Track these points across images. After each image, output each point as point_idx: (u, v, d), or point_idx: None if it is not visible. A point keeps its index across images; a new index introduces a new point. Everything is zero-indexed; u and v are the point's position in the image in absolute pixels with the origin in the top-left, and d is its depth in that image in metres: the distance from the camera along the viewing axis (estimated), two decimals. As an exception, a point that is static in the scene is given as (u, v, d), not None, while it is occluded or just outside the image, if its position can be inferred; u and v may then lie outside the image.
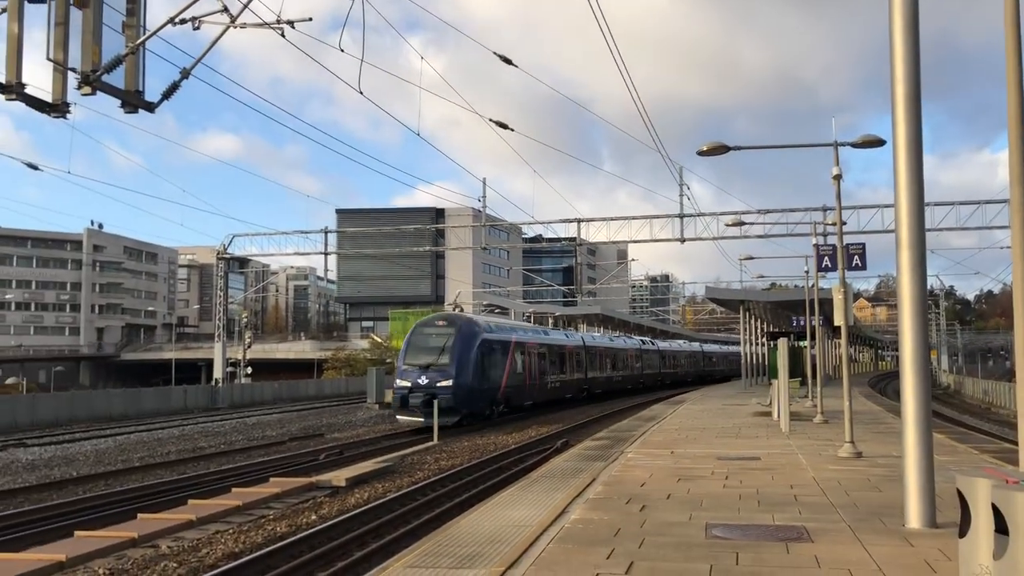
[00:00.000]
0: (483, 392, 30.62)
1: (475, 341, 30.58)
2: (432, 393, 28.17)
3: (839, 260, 16.90)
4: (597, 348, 48.65)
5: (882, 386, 60.68)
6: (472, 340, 30.52)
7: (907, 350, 8.27)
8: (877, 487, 11.11)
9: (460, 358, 29.57)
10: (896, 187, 8.36)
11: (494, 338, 32.70)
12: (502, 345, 33.18)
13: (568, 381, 42.35)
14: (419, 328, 32.20)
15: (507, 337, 34.21)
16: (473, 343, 30.43)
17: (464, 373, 29.43)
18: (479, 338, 31.01)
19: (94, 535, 11.99)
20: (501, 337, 33.54)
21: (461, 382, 29.12)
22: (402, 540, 11.58)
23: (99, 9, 11.04)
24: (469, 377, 29.57)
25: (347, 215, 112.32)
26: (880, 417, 24.31)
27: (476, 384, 29.94)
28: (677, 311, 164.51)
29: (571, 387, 43.01)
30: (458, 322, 31.54)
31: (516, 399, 34.75)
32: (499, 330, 34.28)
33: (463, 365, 29.50)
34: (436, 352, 29.86)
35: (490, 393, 31.30)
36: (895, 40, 8.30)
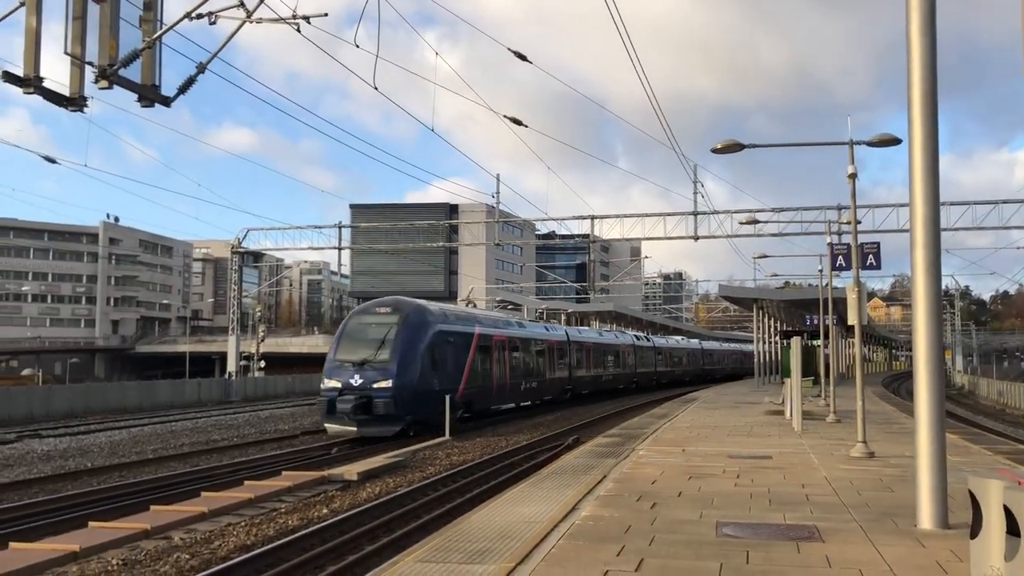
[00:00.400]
0: (435, 394, 25.29)
1: (425, 332, 25.66)
2: (367, 396, 23.58)
3: (853, 259, 16.82)
4: (584, 343, 43.86)
5: (896, 386, 60.41)
6: (421, 331, 25.59)
7: (921, 350, 8.24)
8: (889, 487, 11.07)
9: (404, 352, 24.63)
10: (911, 186, 8.33)
11: (452, 329, 27.77)
12: (462, 338, 28.28)
13: (548, 381, 37.74)
14: (356, 316, 27.08)
15: (469, 329, 29.32)
16: (422, 335, 25.50)
17: (408, 371, 24.46)
18: (431, 329, 26.09)
19: (108, 526, 12.09)
20: (461, 328, 28.72)
21: (404, 382, 24.16)
22: (413, 535, 11.61)
23: (116, 3, 11.10)
24: (415, 376, 24.64)
25: (361, 210, 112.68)
26: (893, 417, 24.21)
27: (425, 385, 25.01)
28: (690, 309, 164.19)
29: (552, 388, 38.49)
30: (404, 309, 26.18)
31: (481, 402, 29.92)
32: (459, 320, 29.33)
33: (408, 361, 24.56)
34: (375, 345, 24.90)
35: (445, 396, 25.65)
36: (912, 40, 8.26)
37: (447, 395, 25.59)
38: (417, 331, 25.45)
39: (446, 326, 27.38)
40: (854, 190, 16.47)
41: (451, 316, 28.79)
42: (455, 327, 28.18)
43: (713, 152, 15.55)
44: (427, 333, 25.74)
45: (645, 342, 58.21)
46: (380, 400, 23.55)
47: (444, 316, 27.91)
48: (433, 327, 26.26)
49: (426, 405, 25.00)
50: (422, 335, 25.47)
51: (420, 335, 25.40)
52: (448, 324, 27.70)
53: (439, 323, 26.92)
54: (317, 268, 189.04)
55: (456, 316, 29.39)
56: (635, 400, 44.03)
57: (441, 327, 26.87)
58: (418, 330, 25.52)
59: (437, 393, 25.41)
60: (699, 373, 71.00)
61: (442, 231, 71.49)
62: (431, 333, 25.93)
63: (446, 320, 27.83)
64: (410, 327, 25.37)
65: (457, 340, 27.71)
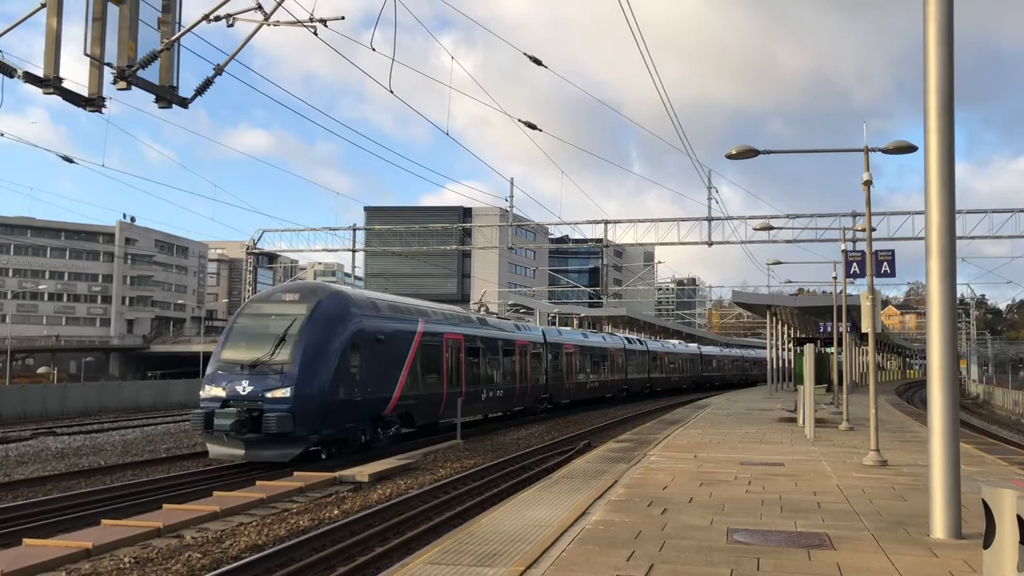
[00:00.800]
0: (355, 406, 20.20)
1: (343, 327, 20.19)
2: (256, 408, 18.34)
3: (868, 266, 16.76)
4: (564, 346, 38.47)
5: (909, 394, 60.08)
6: (338, 325, 20.11)
7: (935, 358, 8.21)
8: (902, 496, 11.01)
9: (311, 352, 19.18)
10: (927, 194, 8.31)
11: (383, 325, 21.93)
12: (398, 336, 22.72)
13: (519, 389, 32.28)
14: (253, 304, 21.23)
15: (408, 325, 23.58)
16: (339, 329, 20.05)
17: (315, 376, 19.06)
18: (352, 322, 20.54)
19: (120, 524, 12.16)
20: (396, 324, 22.85)
21: (308, 390, 18.79)
22: (423, 537, 11.63)
23: (135, 5, 11.19)
24: (324, 382, 19.19)
25: (375, 213, 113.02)
26: (907, 425, 24.07)
27: (339, 393, 19.59)
28: (703, 315, 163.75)
29: (522, 397, 33.02)
30: (316, 295, 20.57)
31: (425, 415, 24.57)
32: (394, 313, 23.35)
33: (315, 363, 19.15)
34: (272, 342, 19.32)
35: (369, 408, 20.92)
36: (929, 48, 8.24)
37: (375, 407, 21.19)
38: (332, 325, 19.96)
39: (375, 320, 21.70)
40: (869, 197, 16.41)
41: (384, 308, 22.89)
42: (388, 322, 22.46)
43: (728, 158, 15.51)
44: (346, 328, 20.17)
45: (638, 345, 53.71)
46: (273, 414, 18.13)
47: (373, 307, 22.13)
48: (355, 320, 20.67)
49: (341, 419, 19.92)
50: (339, 330, 20.01)
51: (336, 330, 19.97)
52: (378, 317, 21.98)
53: (365, 315, 21.30)
54: (331, 270, 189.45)
55: (392, 308, 23.46)
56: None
57: (367, 321, 21.24)
58: (334, 323, 20.03)
59: (359, 404, 20.38)
60: (697, 380, 67.34)
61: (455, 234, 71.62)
62: (352, 328, 20.37)
63: (376, 312, 22.09)
64: (322, 319, 19.86)
65: (391, 338, 22.21)
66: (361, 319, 21.02)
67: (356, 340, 20.46)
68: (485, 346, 29.29)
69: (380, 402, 21.53)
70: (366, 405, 20.80)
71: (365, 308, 21.65)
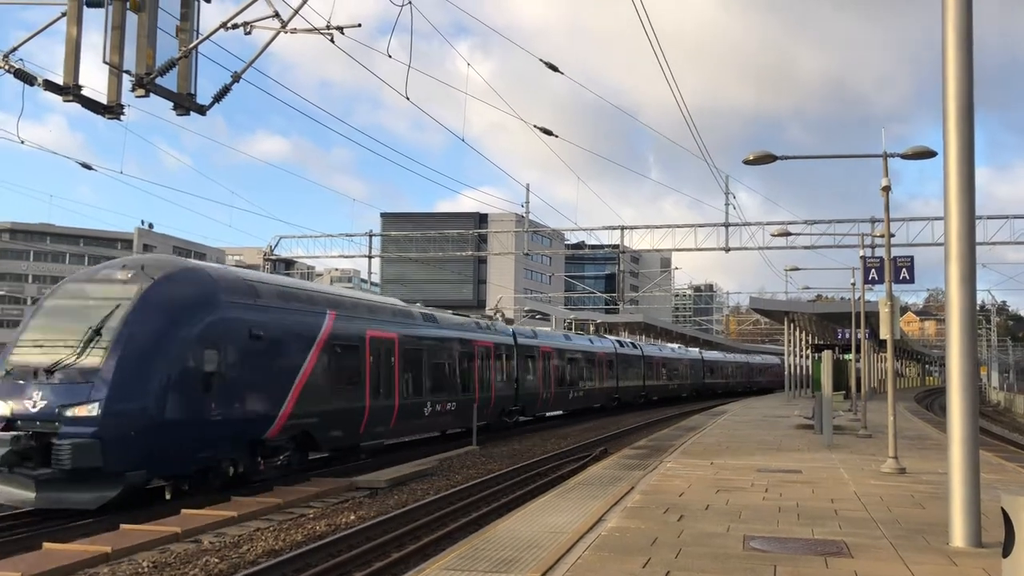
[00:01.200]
0: (210, 428, 14.67)
1: (194, 318, 14.72)
2: (49, 433, 12.95)
3: (886, 272, 16.67)
4: (539, 349, 32.64)
5: (928, 402, 59.60)
6: (184, 315, 14.62)
7: (954, 365, 8.14)
8: (921, 504, 10.92)
9: (134, 351, 13.68)
10: (946, 199, 8.25)
11: (261, 319, 16.02)
12: (287, 333, 16.80)
13: (479, 400, 26.16)
14: (68, 287, 15.41)
15: (304, 319, 17.42)
16: (186, 321, 14.56)
17: (139, 385, 13.64)
18: (209, 312, 15.04)
19: (139, 528, 12.23)
20: (284, 318, 16.78)
21: (128, 406, 13.39)
22: (440, 543, 11.64)
23: (154, 13, 11.28)
24: (154, 394, 13.78)
25: (391, 219, 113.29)
26: (926, 433, 23.88)
27: (181, 411, 14.12)
28: (721, 321, 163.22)
29: (484, 410, 26.53)
30: (156, 272, 14.90)
31: (333, 437, 18.63)
32: (282, 303, 17.05)
33: (140, 367, 13.68)
34: (80, 337, 13.70)
35: (238, 430, 15.37)
36: (948, 52, 8.20)
37: (249, 428, 15.67)
38: (175, 313, 14.45)
39: (251, 310, 15.84)
40: (887, 203, 16.33)
41: (268, 293, 16.75)
42: (273, 313, 16.48)
43: (745, 163, 15.49)
44: (199, 318, 14.71)
45: (631, 349, 48.48)
46: (70, 441, 12.72)
47: (249, 292, 16.12)
48: (216, 309, 15.12)
49: (188, 447, 14.35)
50: (186, 321, 14.50)
51: (181, 321, 14.44)
52: (256, 307, 16.05)
53: (234, 303, 15.55)
54: (348, 276, 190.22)
55: (282, 295, 17.22)
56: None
57: (237, 310, 15.53)
58: (178, 312, 14.50)
59: (219, 426, 14.81)
60: (699, 388, 62.70)
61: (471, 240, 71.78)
62: (209, 319, 14.90)
63: (253, 299, 16.09)
64: (158, 306, 14.32)
65: (278, 334, 16.39)
66: (227, 308, 15.26)
67: (216, 336, 14.83)
68: (431, 348, 23.32)
69: (257, 421, 15.82)
70: (232, 426, 15.08)
71: (235, 292, 15.75)
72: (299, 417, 16.87)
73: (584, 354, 39.51)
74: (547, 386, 33.65)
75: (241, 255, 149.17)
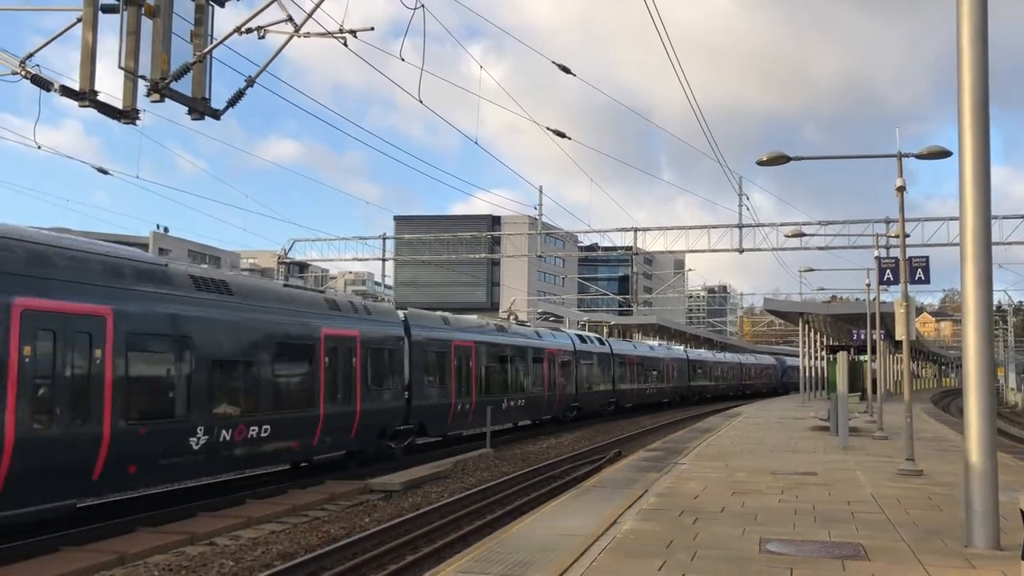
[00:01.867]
0: None
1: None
2: None
3: (902, 273, 16.58)
4: (436, 343, 23.41)
5: (945, 403, 59.22)
6: None
7: (971, 366, 8.09)
8: (938, 506, 10.84)
9: None
10: (961, 199, 8.20)
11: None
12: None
13: (332, 418, 17.58)
14: None
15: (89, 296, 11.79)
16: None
17: None
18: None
19: (154, 531, 12.28)
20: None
21: None
22: (454, 545, 11.64)
23: (168, 19, 11.34)
24: None
25: (404, 221, 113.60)
26: (942, 434, 23.72)
27: None
28: (735, 322, 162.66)
29: (346, 436, 18.53)
30: None
31: (51, 489, 11.24)
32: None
33: None
34: None
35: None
36: (963, 49, 8.15)
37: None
38: None
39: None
40: (902, 203, 16.24)
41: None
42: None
43: (759, 164, 15.42)
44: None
45: (594, 346, 39.46)
46: None
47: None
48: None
49: None
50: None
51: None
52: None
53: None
54: (362, 279, 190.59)
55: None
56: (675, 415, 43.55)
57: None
58: None
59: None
60: (684, 392, 55.03)
61: (485, 243, 71.81)
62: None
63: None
64: None
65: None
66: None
67: None
68: (253, 347, 15.51)
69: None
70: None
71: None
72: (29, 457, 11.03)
73: (521, 351, 29.69)
74: (460, 396, 24.43)
75: (256, 258, 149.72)
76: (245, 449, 15.13)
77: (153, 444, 12.95)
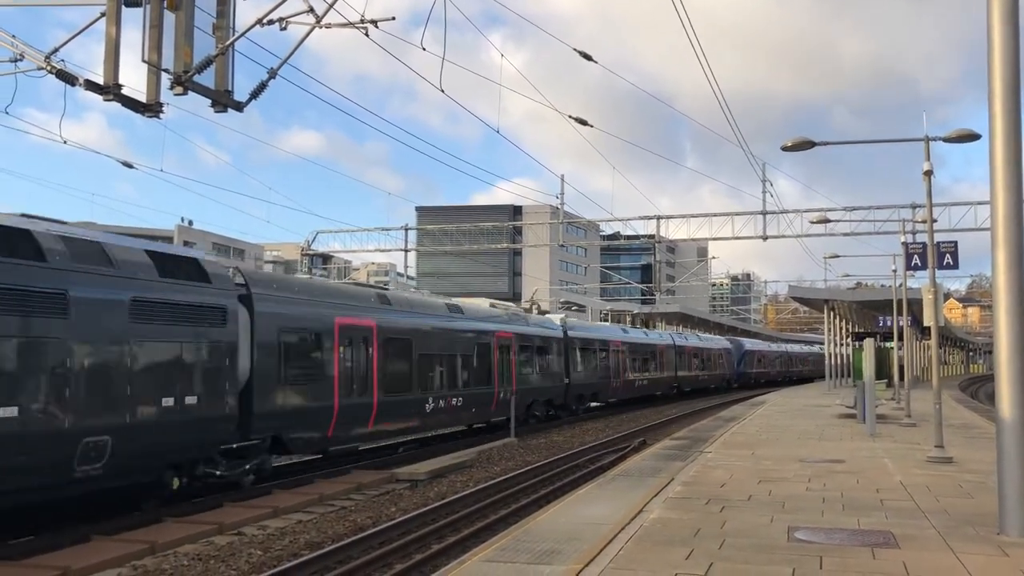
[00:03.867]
0: None
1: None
2: None
3: (929, 258, 16.39)
4: (295, 322, 16.11)
5: (974, 390, 58.62)
6: None
7: (1003, 351, 7.98)
8: (969, 494, 10.73)
9: None
10: (992, 182, 8.08)
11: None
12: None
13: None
14: None
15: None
16: None
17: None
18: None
19: (183, 521, 12.40)
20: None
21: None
22: (480, 535, 11.66)
23: (191, 11, 11.36)
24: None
25: (426, 212, 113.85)
26: (972, 421, 23.47)
27: None
28: (759, 310, 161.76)
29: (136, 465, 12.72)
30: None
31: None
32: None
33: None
34: None
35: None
36: (993, 28, 8.02)
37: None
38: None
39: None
40: (929, 188, 16.04)
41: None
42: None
43: (783, 150, 15.27)
44: None
45: (545, 329, 30.16)
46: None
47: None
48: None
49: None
50: None
51: None
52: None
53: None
54: (384, 270, 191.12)
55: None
56: (703, 403, 43.41)
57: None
58: None
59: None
60: (661, 381, 44.55)
61: (506, 232, 71.79)
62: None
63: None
64: None
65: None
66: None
67: None
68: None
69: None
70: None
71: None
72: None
73: (448, 334, 22.67)
74: (350, 398, 17.79)
75: (280, 251, 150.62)
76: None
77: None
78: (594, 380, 34.76)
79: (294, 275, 23.29)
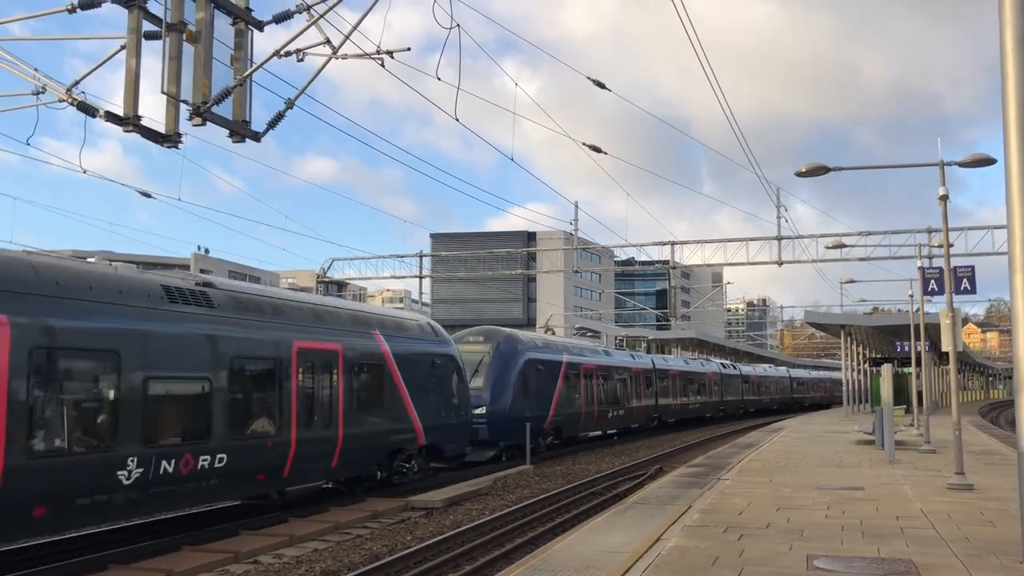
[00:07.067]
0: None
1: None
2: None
3: (946, 283, 16.30)
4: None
5: (994, 415, 57.98)
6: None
7: (1022, 377, 7.90)
8: (991, 521, 10.60)
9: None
10: (1009, 206, 8.04)
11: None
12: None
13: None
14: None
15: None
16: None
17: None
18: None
19: (199, 550, 12.38)
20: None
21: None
22: (496, 563, 11.59)
23: (209, 44, 11.54)
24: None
25: (441, 239, 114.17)
26: (992, 447, 23.21)
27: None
28: (775, 335, 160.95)
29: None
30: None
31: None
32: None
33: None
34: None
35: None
36: (1006, 53, 8.01)
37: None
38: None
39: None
40: (946, 212, 15.99)
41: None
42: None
43: (798, 175, 15.30)
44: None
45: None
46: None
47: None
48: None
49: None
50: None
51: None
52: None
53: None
54: (399, 296, 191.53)
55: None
56: (719, 429, 43.10)
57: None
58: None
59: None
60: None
61: (520, 259, 71.91)
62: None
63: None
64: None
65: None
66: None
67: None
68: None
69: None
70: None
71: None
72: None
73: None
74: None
75: (295, 278, 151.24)
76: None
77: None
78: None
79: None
